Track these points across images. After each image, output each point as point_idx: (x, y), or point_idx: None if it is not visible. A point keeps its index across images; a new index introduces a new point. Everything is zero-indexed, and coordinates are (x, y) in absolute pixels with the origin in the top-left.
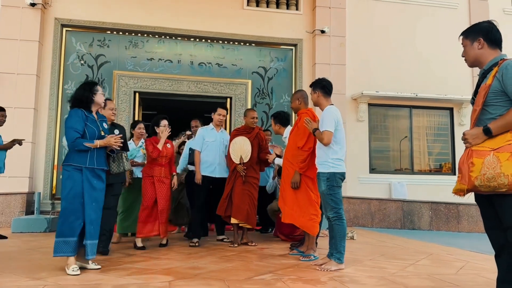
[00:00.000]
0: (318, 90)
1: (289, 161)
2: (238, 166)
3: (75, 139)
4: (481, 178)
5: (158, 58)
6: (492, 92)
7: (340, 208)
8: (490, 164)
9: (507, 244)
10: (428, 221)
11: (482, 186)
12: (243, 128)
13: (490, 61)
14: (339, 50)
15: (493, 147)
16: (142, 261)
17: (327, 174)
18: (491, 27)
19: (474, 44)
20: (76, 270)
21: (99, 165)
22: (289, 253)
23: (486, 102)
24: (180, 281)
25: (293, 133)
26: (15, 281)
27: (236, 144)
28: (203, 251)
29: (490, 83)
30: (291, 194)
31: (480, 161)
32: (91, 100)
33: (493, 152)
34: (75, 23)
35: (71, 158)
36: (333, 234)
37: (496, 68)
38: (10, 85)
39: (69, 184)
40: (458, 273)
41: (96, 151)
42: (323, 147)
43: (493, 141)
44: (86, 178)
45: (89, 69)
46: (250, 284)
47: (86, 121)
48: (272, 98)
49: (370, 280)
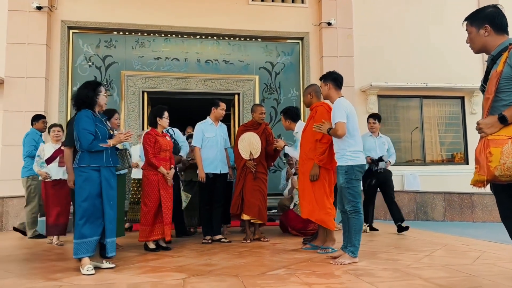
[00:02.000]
0: (329, 82)
1: (307, 155)
2: (248, 162)
3: (92, 141)
4: (501, 167)
5: (165, 57)
6: (504, 78)
7: (358, 202)
8: (509, 153)
9: None
10: (441, 212)
11: (502, 176)
12: (250, 124)
13: (498, 47)
14: (347, 42)
15: (510, 135)
16: (155, 259)
17: (345, 167)
18: (497, 13)
19: (480, 31)
20: (91, 269)
21: (114, 163)
22: (302, 247)
23: (498, 89)
24: (194, 278)
25: (309, 126)
26: (31, 283)
27: (245, 140)
28: (216, 248)
29: (501, 69)
30: (309, 188)
31: (498, 150)
32: (94, 101)
33: (511, 140)
34: (81, 25)
35: (85, 159)
36: (349, 228)
37: (506, 54)
38: (20, 88)
39: (88, 186)
40: (474, 263)
41: (110, 150)
42: (338, 141)
43: (510, 128)
44: (105, 178)
45: (97, 70)
46: (263, 280)
47: (95, 121)
48: (280, 93)
49: (384, 272)
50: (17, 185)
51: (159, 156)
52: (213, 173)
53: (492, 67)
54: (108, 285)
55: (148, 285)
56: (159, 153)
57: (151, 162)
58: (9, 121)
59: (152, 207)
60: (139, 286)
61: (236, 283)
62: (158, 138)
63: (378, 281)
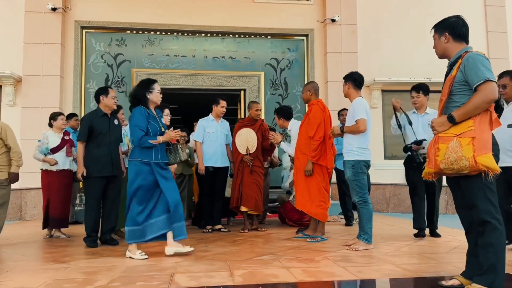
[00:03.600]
0: (349, 82)
1: (301, 151)
2: (245, 156)
3: (142, 137)
4: (445, 161)
5: (173, 54)
6: (456, 83)
7: (365, 193)
8: (453, 149)
9: (473, 221)
10: (443, 205)
11: (447, 169)
12: (247, 120)
13: (456, 54)
14: (350, 38)
15: (456, 133)
16: (156, 245)
17: (352, 161)
18: (457, 22)
19: (441, 38)
20: (144, 254)
21: (162, 159)
22: (294, 236)
23: (451, 92)
24: (187, 262)
25: (304, 123)
26: (41, 265)
27: (242, 136)
28: (215, 237)
29: (454, 74)
30: (302, 182)
31: (444, 146)
32: (147, 99)
33: (456, 138)
34: (94, 24)
35: (137, 154)
36: (360, 217)
37: (460, 61)
38: (36, 86)
39: (140, 177)
40: (449, 252)
41: (159, 146)
42: (349, 137)
43: (457, 127)
44: (156, 171)
45: (109, 68)
46: (248, 264)
47: (149, 118)
48: (285, 89)
49: (361, 259)
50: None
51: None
52: (213, 166)
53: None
54: (109, 268)
55: (144, 268)
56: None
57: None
58: (27, 117)
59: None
60: (136, 268)
61: (223, 266)
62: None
63: (351, 266)
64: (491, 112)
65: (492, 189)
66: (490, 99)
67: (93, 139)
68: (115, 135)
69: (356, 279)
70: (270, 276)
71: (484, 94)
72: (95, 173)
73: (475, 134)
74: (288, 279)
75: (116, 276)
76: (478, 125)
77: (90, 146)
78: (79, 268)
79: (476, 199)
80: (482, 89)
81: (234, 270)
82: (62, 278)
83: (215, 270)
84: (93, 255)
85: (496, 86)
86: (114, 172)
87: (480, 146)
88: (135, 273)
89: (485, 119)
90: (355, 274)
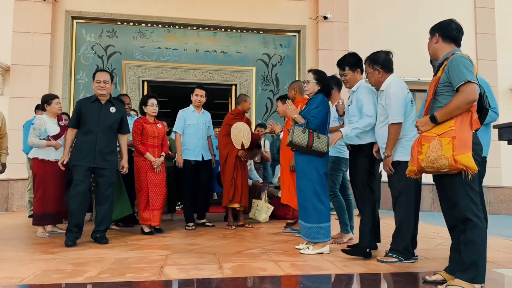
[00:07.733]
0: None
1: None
2: (240, 151)
3: None
4: (426, 160)
5: (165, 47)
6: (441, 84)
7: (336, 188)
8: (433, 148)
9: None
10: (429, 203)
11: (427, 167)
12: (237, 112)
13: (444, 56)
14: (342, 35)
15: (438, 133)
16: (146, 239)
17: (333, 157)
18: (448, 25)
19: (432, 39)
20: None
21: None
22: (283, 231)
23: (436, 93)
24: (176, 255)
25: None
26: (30, 255)
27: (237, 130)
28: (204, 231)
29: (439, 76)
30: (288, 177)
31: (426, 145)
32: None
33: (438, 137)
34: (84, 15)
35: None
36: (336, 211)
37: (445, 62)
38: (25, 76)
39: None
40: (434, 248)
41: None
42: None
43: (439, 127)
44: None
45: (99, 60)
46: (237, 257)
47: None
48: (277, 85)
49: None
50: (21, 168)
51: (146, 143)
52: (196, 160)
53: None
54: (98, 259)
55: (133, 260)
56: (147, 140)
57: (137, 149)
58: (15, 107)
59: (143, 193)
60: (125, 260)
61: (212, 259)
62: (146, 126)
63: (338, 260)
64: (472, 113)
65: (474, 187)
66: (470, 100)
67: (82, 126)
68: (106, 123)
69: (342, 273)
70: (259, 269)
71: (465, 95)
72: (74, 161)
73: (455, 134)
74: (276, 272)
75: (106, 268)
76: (459, 125)
77: (78, 133)
78: (68, 259)
79: (457, 197)
80: (462, 90)
81: (223, 263)
82: (51, 268)
83: (205, 263)
84: (82, 247)
85: (477, 88)
86: (98, 163)
87: (459, 146)
88: (124, 265)
89: (466, 120)
90: (342, 268)
